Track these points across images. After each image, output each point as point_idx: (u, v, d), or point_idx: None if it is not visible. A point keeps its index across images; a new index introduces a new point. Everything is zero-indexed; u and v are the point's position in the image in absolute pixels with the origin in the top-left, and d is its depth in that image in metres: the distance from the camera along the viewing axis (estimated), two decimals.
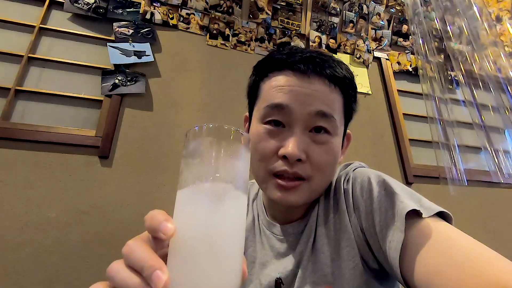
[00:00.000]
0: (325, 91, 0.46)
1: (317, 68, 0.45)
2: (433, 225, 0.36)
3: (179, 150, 1.31)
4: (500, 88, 1.21)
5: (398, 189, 0.41)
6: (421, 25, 1.38)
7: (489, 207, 1.67)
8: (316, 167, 0.45)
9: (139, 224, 1.32)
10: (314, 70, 0.45)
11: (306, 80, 0.45)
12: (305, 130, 0.45)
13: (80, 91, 1.30)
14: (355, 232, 0.45)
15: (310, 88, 0.45)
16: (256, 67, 0.53)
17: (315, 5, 1.85)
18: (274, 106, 0.45)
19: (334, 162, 0.47)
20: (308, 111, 0.44)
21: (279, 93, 0.45)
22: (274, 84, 0.47)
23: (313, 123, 0.45)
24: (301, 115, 0.44)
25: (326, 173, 0.47)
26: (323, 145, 0.45)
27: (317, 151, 0.45)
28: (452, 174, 1.18)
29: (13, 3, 1.35)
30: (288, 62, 0.47)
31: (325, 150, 0.45)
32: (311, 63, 0.46)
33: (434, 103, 1.30)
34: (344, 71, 0.48)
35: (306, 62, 0.46)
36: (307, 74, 0.45)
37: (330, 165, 0.47)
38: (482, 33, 1.27)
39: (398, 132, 1.69)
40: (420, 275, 0.33)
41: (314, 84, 0.45)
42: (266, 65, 0.50)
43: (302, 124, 0.45)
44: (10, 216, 1.04)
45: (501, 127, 1.23)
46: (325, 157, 0.45)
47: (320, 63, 0.46)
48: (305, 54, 0.47)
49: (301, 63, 0.46)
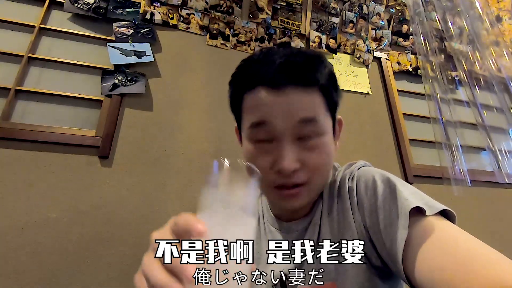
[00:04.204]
0: (302, 97, 0.44)
1: (291, 77, 0.44)
2: (436, 224, 0.36)
3: (179, 150, 1.31)
4: (502, 88, 1.21)
5: (402, 187, 0.42)
6: (422, 25, 1.38)
7: (491, 207, 1.67)
8: (312, 171, 0.45)
9: (139, 224, 1.33)
10: (287, 80, 0.44)
11: (280, 93, 0.44)
12: (294, 140, 0.45)
13: (80, 91, 1.30)
14: (358, 229, 0.45)
15: (286, 98, 0.44)
16: (231, 83, 0.52)
17: (315, 5, 1.85)
18: (256, 125, 0.45)
19: (329, 159, 0.48)
20: (291, 123, 0.44)
21: (258, 112, 0.45)
22: (251, 104, 0.47)
23: (299, 132, 0.44)
24: (285, 128, 0.44)
25: (323, 172, 0.48)
26: (316, 149, 0.45)
27: (311, 157, 0.45)
28: (456, 174, 1.18)
29: (13, 3, 1.35)
30: (260, 79, 0.45)
31: (319, 153, 0.46)
32: (283, 73, 0.44)
33: (436, 103, 1.30)
34: (321, 67, 0.47)
35: (276, 73, 0.44)
36: (280, 85, 0.44)
37: (326, 164, 0.48)
38: (483, 33, 1.27)
39: (398, 132, 1.69)
40: (423, 273, 0.33)
41: (290, 94, 0.44)
42: (239, 83, 0.49)
43: (289, 136, 0.44)
44: (10, 216, 1.04)
45: (504, 127, 1.23)
46: (320, 160, 0.46)
47: (292, 70, 0.45)
48: (275, 63, 0.45)
49: (273, 76, 0.44)
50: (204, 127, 1.38)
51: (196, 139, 1.35)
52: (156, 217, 1.15)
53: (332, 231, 0.48)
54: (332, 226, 0.49)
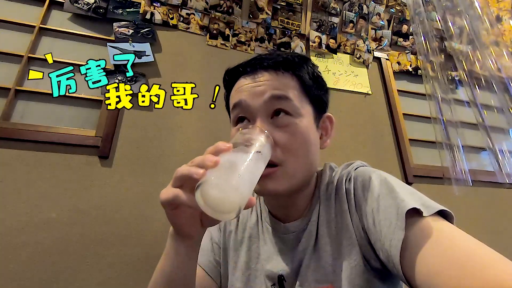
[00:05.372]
0: (273, 78, 0.50)
1: (263, 63, 0.51)
2: (434, 224, 0.36)
3: (179, 150, 1.31)
4: (502, 88, 1.21)
5: (399, 188, 0.42)
6: (422, 25, 1.38)
7: (491, 207, 1.67)
8: (286, 150, 0.46)
9: (139, 224, 1.33)
10: (260, 66, 0.51)
11: (255, 77, 0.51)
12: (267, 118, 0.48)
13: (80, 91, 1.30)
14: (356, 231, 0.45)
15: (259, 81, 0.50)
16: (223, 82, 0.58)
17: (315, 5, 1.85)
18: (234, 106, 0.51)
19: (304, 143, 0.48)
20: (262, 100, 0.48)
21: (237, 94, 0.51)
22: (234, 92, 0.53)
23: (271, 108, 0.48)
24: (258, 106, 0.48)
25: (299, 155, 0.48)
26: (287, 127, 0.47)
27: (281, 134, 0.46)
28: (457, 174, 1.18)
29: (13, 3, 1.35)
30: (240, 71, 0.53)
31: (290, 132, 0.47)
32: (257, 62, 0.52)
33: (437, 103, 1.30)
34: (299, 60, 0.53)
35: (253, 62, 0.52)
36: (255, 71, 0.51)
37: (301, 147, 0.48)
38: (483, 33, 1.27)
39: (398, 132, 1.69)
40: (421, 274, 0.33)
41: (262, 77, 0.50)
42: (228, 80, 0.57)
43: (261, 114, 0.48)
44: (10, 216, 1.04)
45: (504, 127, 1.23)
46: (291, 139, 0.47)
47: (266, 59, 0.51)
48: (255, 58, 0.53)
49: (249, 66, 0.52)
50: (204, 127, 1.38)
51: (196, 139, 1.35)
52: (156, 217, 1.15)
53: (330, 233, 0.48)
54: (330, 228, 0.49)
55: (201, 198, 0.31)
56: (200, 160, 0.34)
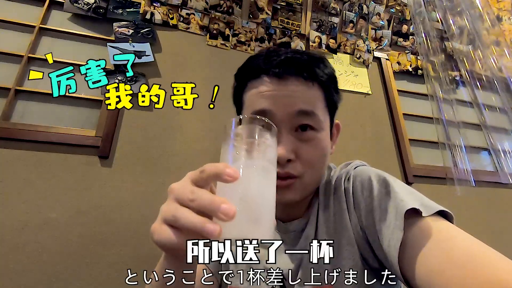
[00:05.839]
0: (303, 90, 0.47)
1: (293, 69, 0.47)
2: (433, 224, 0.36)
3: (179, 150, 1.31)
4: (504, 87, 1.21)
5: (398, 188, 0.41)
6: (423, 25, 1.38)
7: (491, 207, 1.66)
8: (306, 164, 0.46)
9: (139, 224, 1.32)
10: (289, 72, 0.47)
11: (283, 83, 0.47)
12: (291, 130, 0.46)
13: (80, 91, 1.30)
14: (355, 230, 0.45)
15: (288, 90, 0.46)
16: (237, 75, 0.54)
17: (315, 5, 1.85)
18: (257, 113, 0.47)
19: (323, 156, 0.48)
20: (289, 112, 0.46)
21: (260, 99, 0.47)
22: (254, 92, 0.49)
23: (297, 122, 0.46)
24: (284, 117, 0.46)
25: (316, 168, 0.48)
26: (311, 142, 0.47)
27: (305, 149, 0.46)
28: (459, 174, 1.18)
29: (13, 3, 1.35)
30: (264, 69, 0.48)
31: (313, 147, 0.47)
32: (286, 66, 0.47)
33: (438, 103, 1.30)
34: (322, 66, 0.50)
35: (281, 65, 0.47)
36: (283, 77, 0.47)
37: (319, 160, 0.48)
38: (483, 32, 1.27)
39: (398, 132, 1.69)
40: (420, 274, 0.33)
41: (291, 85, 0.47)
42: (244, 73, 0.52)
43: (286, 125, 0.46)
44: (10, 216, 1.04)
45: (506, 127, 1.23)
46: (314, 154, 0.47)
47: (296, 64, 0.48)
48: (281, 57, 0.48)
49: (276, 67, 0.47)
50: (204, 127, 1.38)
51: (196, 139, 1.35)
52: (156, 217, 1.15)
53: (329, 232, 0.48)
54: (329, 227, 0.49)
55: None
56: (207, 204, 0.27)
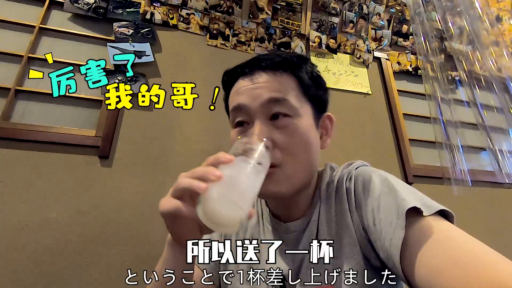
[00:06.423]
0: (271, 80, 0.49)
1: (261, 64, 0.51)
2: (434, 224, 0.36)
3: (179, 150, 1.31)
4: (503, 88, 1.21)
5: (400, 187, 0.42)
6: (422, 25, 1.38)
7: (491, 207, 1.67)
8: (284, 151, 0.46)
9: (139, 224, 1.32)
10: (258, 67, 0.51)
11: (254, 79, 0.50)
12: (266, 120, 0.48)
13: (80, 91, 1.30)
14: (357, 230, 0.45)
15: (258, 82, 0.50)
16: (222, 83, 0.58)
17: (315, 5, 1.85)
18: (233, 109, 0.51)
19: (304, 144, 0.48)
20: (261, 102, 0.48)
21: (235, 97, 0.51)
22: (233, 92, 0.53)
23: (269, 111, 0.48)
24: (257, 108, 0.48)
25: (298, 156, 0.47)
26: (286, 128, 0.47)
27: (280, 135, 0.46)
28: (456, 174, 1.18)
29: (13, 3, 1.35)
30: (239, 72, 0.53)
31: (289, 133, 0.47)
32: (255, 63, 0.52)
33: (437, 103, 1.30)
34: (294, 57, 0.52)
35: (250, 63, 0.52)
36: (254, 73, 0.51)
37: (300, 147, 0.47)
38: (483, 33, 1.27)
39: (398, 132, 1.69)
40: (421, 274, 0.33)
41: (260, 78, 0.50)
42: (226, 81, 0.56)
43: (260, 116, 0.48)
44: (10, 216, 1.04)
45: (504, 127, 1.23)
46: (290, 140, 0.47)
47: (264, 60, 0.51)
48: (254, 58, 0.53)
49: (247, 67, 0.52)
50: (204, 127, 1.38)
51: (196, 139, 1.35)
52: (156, 217, 1.15)
53: (330, 232, 0.48)
54: (330, 227, 0.49)
55: (203, 213, 0.32)
56: (202, 172, 0.33)
